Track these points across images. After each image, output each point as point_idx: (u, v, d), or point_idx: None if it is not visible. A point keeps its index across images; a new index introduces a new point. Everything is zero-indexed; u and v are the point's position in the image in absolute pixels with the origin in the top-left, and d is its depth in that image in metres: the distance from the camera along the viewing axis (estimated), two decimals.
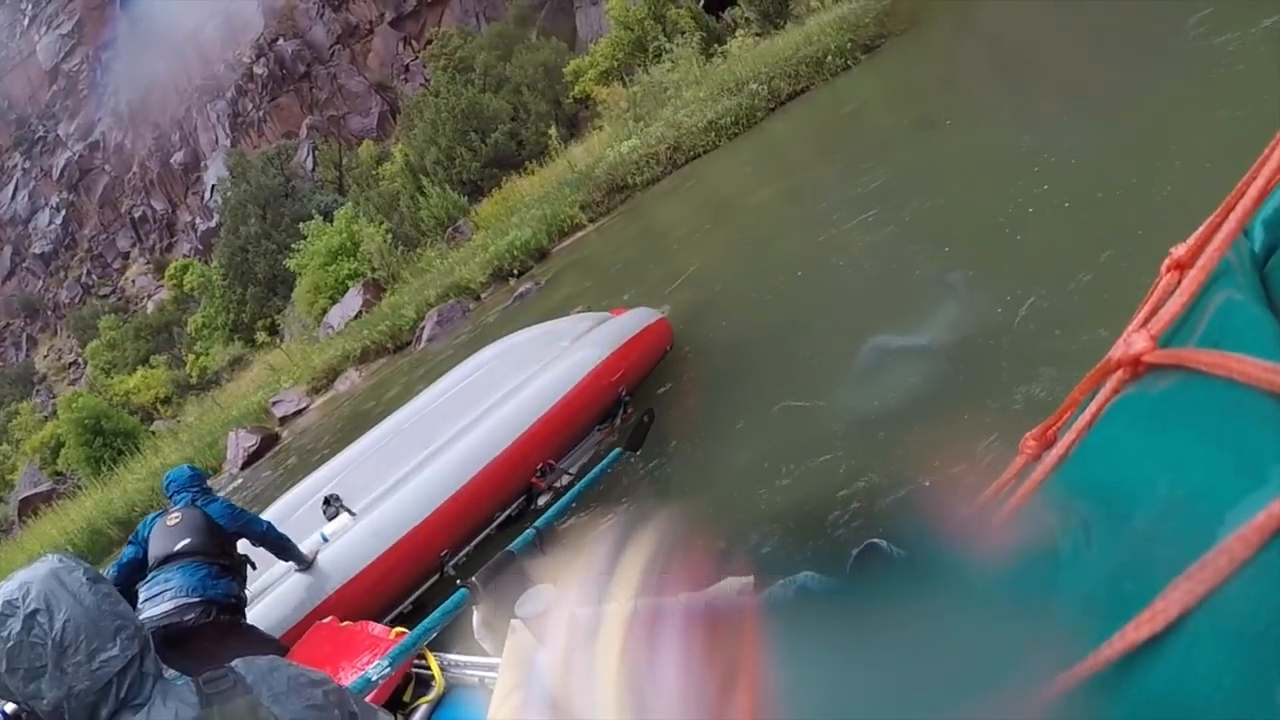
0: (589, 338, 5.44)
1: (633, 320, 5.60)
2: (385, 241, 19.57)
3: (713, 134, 13.37)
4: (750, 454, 4.10)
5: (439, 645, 2.47)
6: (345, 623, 3.10)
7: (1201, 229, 0.58)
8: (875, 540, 0.81)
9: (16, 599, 1.06)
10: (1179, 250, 0.59)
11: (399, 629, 2.50)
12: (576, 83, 21.47)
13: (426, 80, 27.94)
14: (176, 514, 3.30)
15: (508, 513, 4.71)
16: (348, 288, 20.44)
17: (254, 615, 3.67)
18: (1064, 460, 0.60)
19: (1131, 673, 0.39)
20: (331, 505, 4.71)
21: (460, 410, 5.31)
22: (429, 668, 2.42)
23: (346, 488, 5.02)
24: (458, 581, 3.25)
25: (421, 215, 19.75)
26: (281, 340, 24.69)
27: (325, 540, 4.31)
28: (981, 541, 0.66)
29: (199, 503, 3.40)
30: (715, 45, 17.47)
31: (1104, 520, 0.48)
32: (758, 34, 16.85)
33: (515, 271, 13.47)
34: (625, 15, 19.37)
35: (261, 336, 26.34)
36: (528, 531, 2.78)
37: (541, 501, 4.62)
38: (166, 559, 3.11)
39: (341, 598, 3.92)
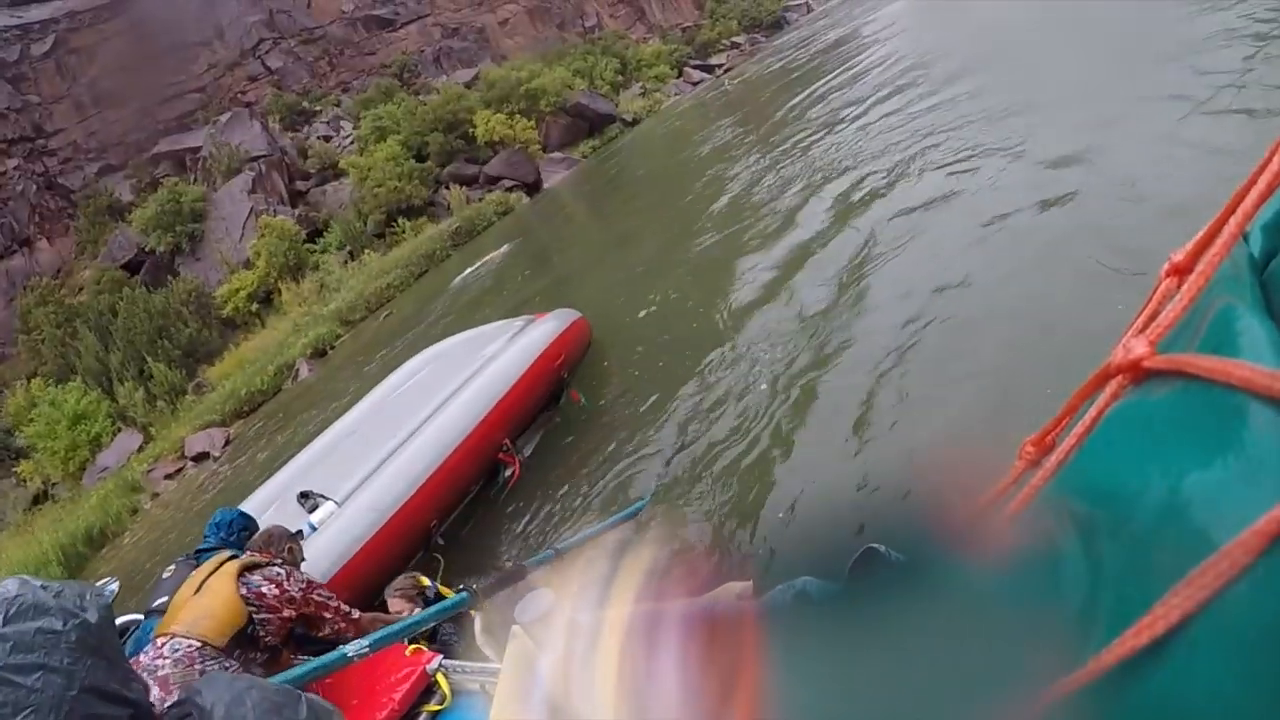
0: (529, 330, 5.94)
1: (562, 316, 6.24)
2: (143, 397, 25.94)
3: (390, 290, 25.64)
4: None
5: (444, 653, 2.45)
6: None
7: (1200, 233, 0.57)
8: (873, 545, 0.81)
9: None
10: (1177, 255, 0.59)
11: (415, 645, 2.48)
12: (228, 302, 29.99)
13: None
14: (173, 566, 3.29)
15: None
16: (100, 443, 25.78)
17: None
18: (1063, 466, 0.59)
19: (1131, 679, 0.39)
20: (310, 499, 4.79)
21: (416, 404, 5.63)
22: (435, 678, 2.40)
23: (314, 484, 5.05)
24: (460, 586, 3.24)
25: (153, 387, 26.73)
26: None
27: (314, 529, 4.39)
28: (980, 547, 0.65)
29: (202, 556, 3.37)
30: (352, 259, 29.98)
31: (1103, 526, 0.47)
32: (378, 251, 29.69)
33: (330, 346, 22.87)
34: (273, 252, 29.92)
35: None
36: (546, 553, 2.85)
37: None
38: (149, 613, 3.14)
39: (347, 573, 4.06)
